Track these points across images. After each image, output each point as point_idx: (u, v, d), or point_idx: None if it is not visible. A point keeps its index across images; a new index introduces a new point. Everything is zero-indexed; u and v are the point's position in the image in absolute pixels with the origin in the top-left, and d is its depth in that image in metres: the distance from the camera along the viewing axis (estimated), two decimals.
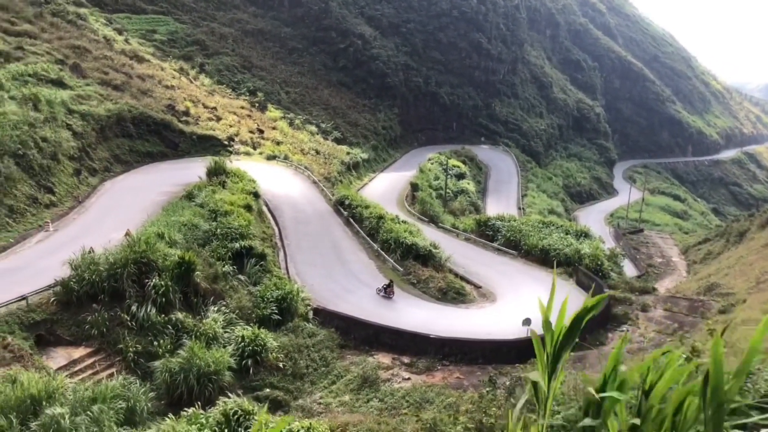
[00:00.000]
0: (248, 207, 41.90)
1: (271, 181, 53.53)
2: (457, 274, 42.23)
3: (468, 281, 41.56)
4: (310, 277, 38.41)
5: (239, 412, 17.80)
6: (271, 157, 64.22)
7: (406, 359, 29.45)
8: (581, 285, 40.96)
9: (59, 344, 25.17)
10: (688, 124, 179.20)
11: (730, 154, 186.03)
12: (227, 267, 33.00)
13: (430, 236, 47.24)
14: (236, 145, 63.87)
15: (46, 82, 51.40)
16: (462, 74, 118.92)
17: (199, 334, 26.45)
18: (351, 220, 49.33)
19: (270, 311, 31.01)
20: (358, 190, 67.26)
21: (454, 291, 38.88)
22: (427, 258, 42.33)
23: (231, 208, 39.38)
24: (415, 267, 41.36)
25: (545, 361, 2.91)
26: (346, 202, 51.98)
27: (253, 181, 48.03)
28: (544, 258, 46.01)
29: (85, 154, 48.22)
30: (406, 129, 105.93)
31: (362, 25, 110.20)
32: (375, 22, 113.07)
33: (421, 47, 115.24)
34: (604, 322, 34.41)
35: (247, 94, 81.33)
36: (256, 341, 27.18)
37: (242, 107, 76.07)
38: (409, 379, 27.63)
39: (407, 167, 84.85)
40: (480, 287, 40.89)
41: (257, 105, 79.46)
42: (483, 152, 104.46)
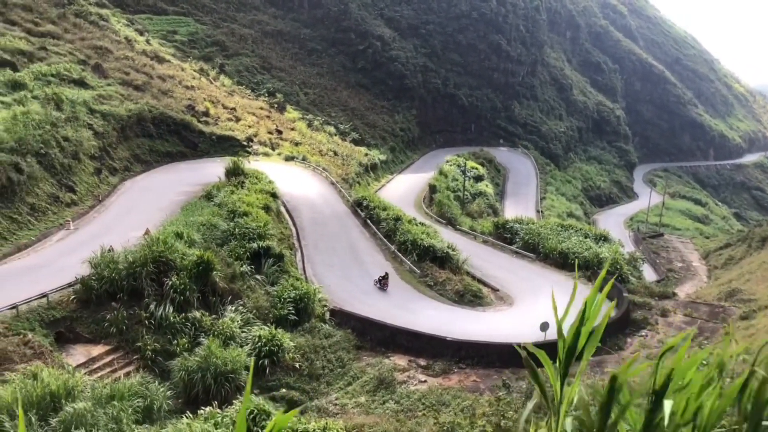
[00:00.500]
0: (266, 207, 41.99)
1: (289, 182, 53.66)
2: (474, 277, 41.99)
3: (485, 284, 41.32)
4: (326, 278, 38.41)
5: (255, 411, 17.86)
6: (289, 158, 64.40)
7: (422, 361, 29.34)
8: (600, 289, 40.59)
9: (78, 342, 25.41)
10: (710, 128, 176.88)
11: (752, 158, 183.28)
12: (245, 267, 33.09)
13: (448, 238, 46.99)
14: (255, 146, 64.14)
15: (68, 82, 52.05)
16: (481, 76, 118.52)
17: (217, 333, 26.54)
18: (368, 222, 49.26)
19: (287, 311, 31.02)
20: (376, 191, 67.21)
21: (471, 294, 38.66)
22: (444, 260, 42.13)
23: (249, 208, 39.46)
24: (432, 269, 41.16)
25: (558, 365, 2.86)
26: (364, 203, 51.88)
27: (271, 182, 48.15)
28: (563, 261, 45.62)
29: (106, 154, 48.72)
30: (424, 130, 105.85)
31: (381, 26, 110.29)
32: (394, 24, 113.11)
33: (440, 49, 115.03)
34: (623, 326, 34.10)
35: (267, 95, 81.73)
36: (273, 341, 27.20)
37: (261, 108, 76.44)
38: (425, 381, 27.52)
39: (425, 169, 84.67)
40: (497, 290, 40.66)
41: (276, 106, 79.78)
42: (501, 154, 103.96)
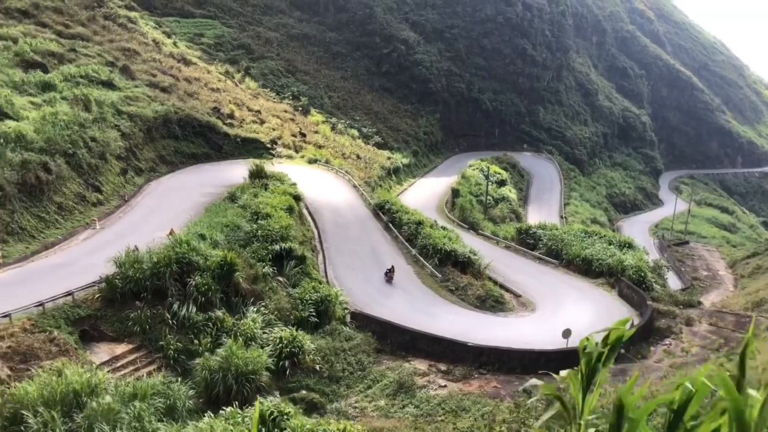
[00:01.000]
0: (289, 210, 42.15)
1: (312, 185, 53.88)
2: (496, 282, 41.79)
3: (507, 289, 41.09)
4: (348, 281, 38.49)
5: (275, 412, 17.90)
6: (312, 161, 64.69)
7: (442, 366, 29.24)
8: (623, 297, 40.14)
9: (102, 340, 25.71)
10: (738, 135, 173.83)
11: None
12: (267, 268, 33.24)
13: (470, 243, 46.80)
14: (279, 149, 64.53)
15: (96, 84, 52.88)
16: (505, 80, 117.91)
17: (238, 333, 26.68)
18: (390, 225, 49.25)
19: (308, 313, 31.14)
20: (398, 195, 67.16)
21: (492, 299, 38.47)
22: (466, 265, 41.94)
23: (272, 210, 39.63)
24: (453, 273, 41.01)
25: (581, 377, 2.82)
26: (386, 206, 51.84)
27: (294, 185, 48.34)
28: (587, 268, 45.14)
29: (132, 154, 49.35)
30: (448, 135, 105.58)
31: (406, 30, 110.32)
32: (419, 28, 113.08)
33: (464, 53, 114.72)
34: (647, 335, 33.67)
35: (291, 98, 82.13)
36: (294, 343, 27.29)
37: (285, 111, 76.87)
38: (445, 386, 27.42)
39: (447, 173, 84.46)
40: (519, 296, 40.41)
41: (300, 109, 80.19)
42: (525, 159, 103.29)
